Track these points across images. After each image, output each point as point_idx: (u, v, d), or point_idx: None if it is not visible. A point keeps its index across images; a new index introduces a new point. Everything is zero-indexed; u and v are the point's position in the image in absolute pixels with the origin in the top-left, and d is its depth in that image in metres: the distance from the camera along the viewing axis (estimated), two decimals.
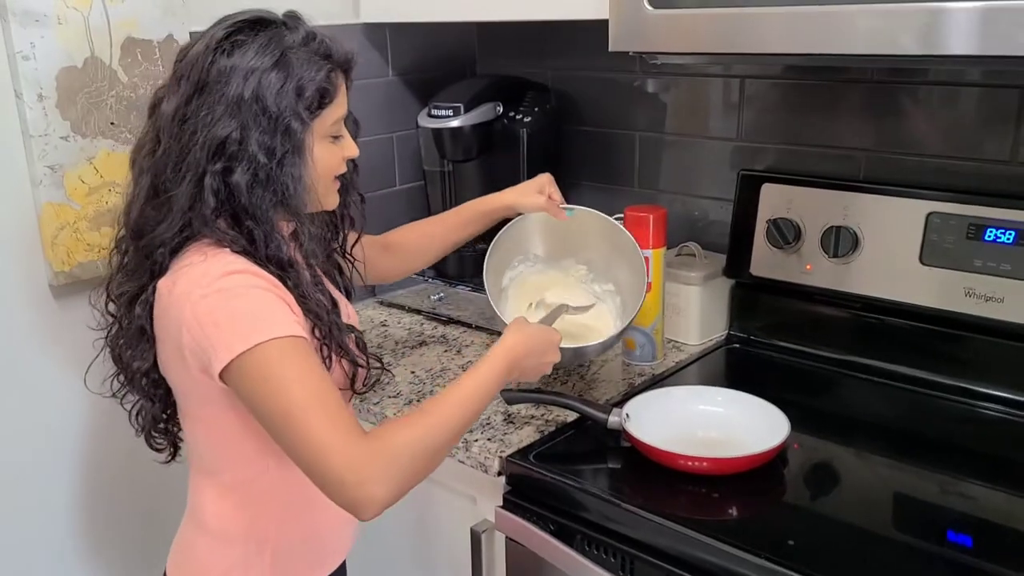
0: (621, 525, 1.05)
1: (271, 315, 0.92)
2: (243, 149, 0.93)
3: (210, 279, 0.92)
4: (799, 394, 1.37)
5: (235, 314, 0.91)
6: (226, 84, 0.93)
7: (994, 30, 0.92)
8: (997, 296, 1.23)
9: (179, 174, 0.94)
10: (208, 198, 0.93)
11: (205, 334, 0.91)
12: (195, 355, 0.93)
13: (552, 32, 1.76)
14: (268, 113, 0.93)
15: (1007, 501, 1.09)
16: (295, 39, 0.97)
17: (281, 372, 0.89)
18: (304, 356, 0.92)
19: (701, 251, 1.53)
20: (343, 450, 0.88)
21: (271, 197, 0.95)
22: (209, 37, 0.96)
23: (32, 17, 1.22)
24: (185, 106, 0.94)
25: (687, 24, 1.13)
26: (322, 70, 0.97)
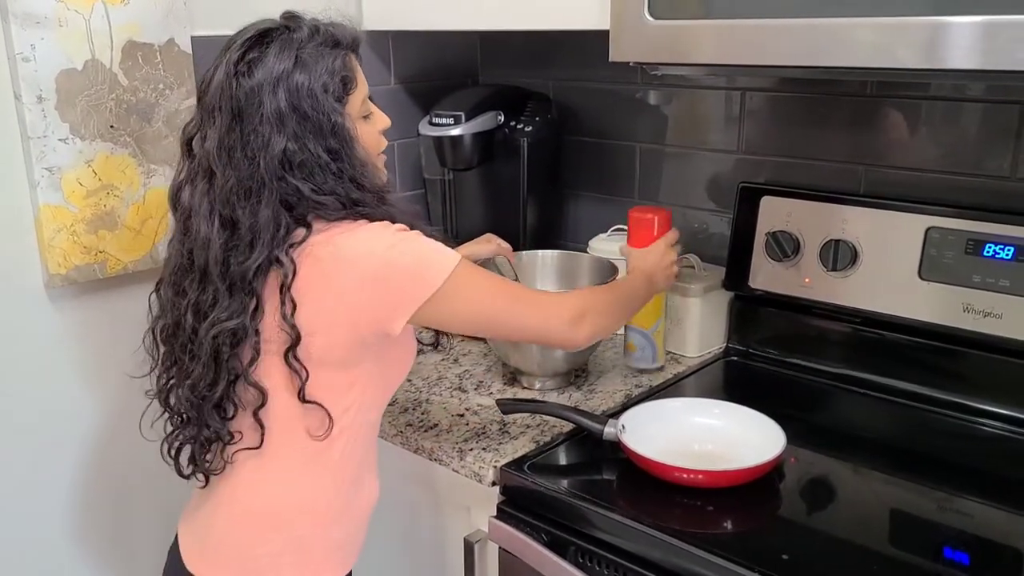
0: (615, 537, 1.04)
1: (443, 251, 1.00)
2: (304, 154, 0.96)
3: (379, 239, 0.97)
4: (796, 408, 1.36)
5: (417, 259, 0.98)
6: (260, 104, 0.95)
7: (994, 45, 0.91)
8: (996, 312, 1.23)
9: (252, 202, 0.96)
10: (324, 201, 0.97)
11: (391, 286, 0.96)
12: (375, 310, 0.97)
13: (554, 42, 1.76)
14: (309, 117, 0.96)
15: (1004, 518, 1.08)
16: (302, 37, 0.98)
17: (477, 284, 1.03)
18: (475, 268, 1.05)
19: (700, 263, 1.53)
20: (560, 316, 1.07)
21: (354, 186, 0.99)
22: (225, 63, 0.97)
23: (33, 19, 1.22)
24: (228, 136, 0.96)
25: (687, 35, 1.13)
26: (337, 59, 0.99)
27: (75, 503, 1.43)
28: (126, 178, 1.35)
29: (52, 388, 1.36)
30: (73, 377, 1.38)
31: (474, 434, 1.25)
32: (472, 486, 1.20)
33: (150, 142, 1.37)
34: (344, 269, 0.97)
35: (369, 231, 0.98)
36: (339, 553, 1.12)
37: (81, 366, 1.39)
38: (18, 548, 1.37)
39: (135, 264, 1.38)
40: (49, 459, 1.38)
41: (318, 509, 1.07)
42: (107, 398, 1.42)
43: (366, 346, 1.01)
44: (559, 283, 1.53)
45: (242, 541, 1.07)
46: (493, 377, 1.45)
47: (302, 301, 0.97)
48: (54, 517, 1.41)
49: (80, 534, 1.44)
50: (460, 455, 1.20)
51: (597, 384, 1.42)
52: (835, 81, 1.42)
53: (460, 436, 1.24)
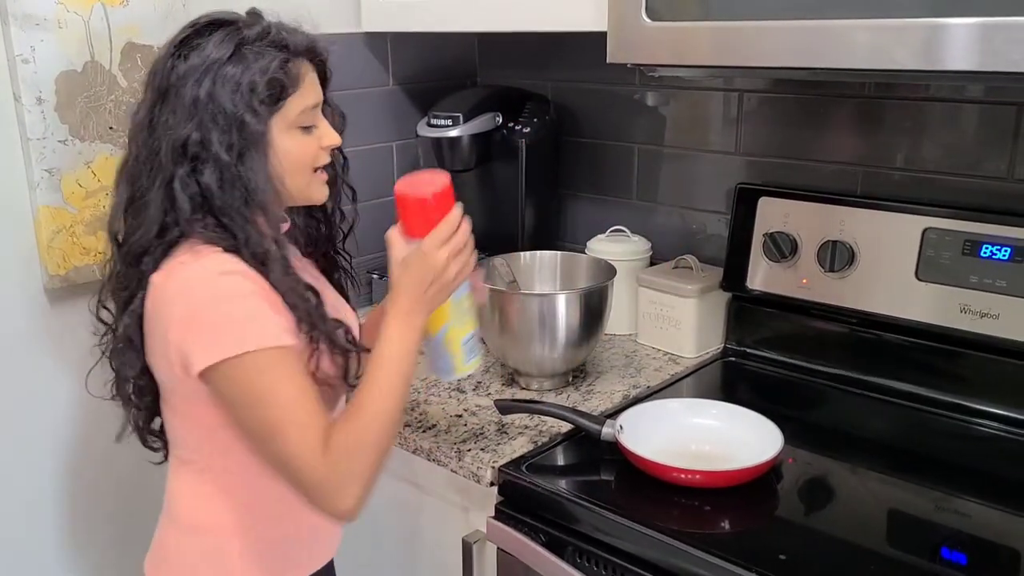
0: (613, 537, 1.04)
1: (261, 323, 0.93)
2: (206, 149, 0.93)
3: (205, 277, 0.93)
4: (794, 408, 1.36)
5: (227, 317, 0.92)
6: (183, 86, 0.94)
7: (991, 46, 0.92)
8: (992, 312, 1.23)
9: (150, 180, 0.95)
10: (183, 204, 0.94)
11: (193, 332, 0.92)
12: (180, 352, 0.93)
13: (552, 44, 1.76)
14: (224, 111, 0.93)
15: (1002, 519, 1.08)
16: (251, 34, 0.96)
17: (263, 381, 0.91)
18: (288, 367, 0.93)
19: (698, 264, 1.53)
20: (313, 471, 0.91)
21: (240, 194, 0.95)
22: (170, 44, 0.97)
23: (33, 21, 1.22)
24: (150, 112, 0.96)
25: (684, 36, 1.13)
26: (275, 60, 0.95)
27: (75, 503, 1.43)
28: None
29: (51, 389, 1.37)
30: (72, 378, 1.38)
31: (472, 435, 1.25)
32: (470, 486, 1.20)
33: None
34: (163, 304, 0.95)
35: (200, 272, 0.93)
36: (265, 563, 1.07)
37: (80, 367, 1.39)
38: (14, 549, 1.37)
39: None
40: (49, 459, 1.39)
41: (250, 526, 1.05)
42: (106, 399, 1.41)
43: (187, 383, 0.95)
44: (558, 284, 1.53)
45: (168, 547, 1.08)
46: (491, 378, 1.45)
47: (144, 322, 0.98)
48: (47, 517, 1.41)
49: (71, 535, 1.44)
50: (458, 456, 1.20)
51: (595, 384, 1.42)
52: (833, 82, 1.42)
53: (458, 437, 1.25)
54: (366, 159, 1.73)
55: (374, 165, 1.75)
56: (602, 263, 1.48)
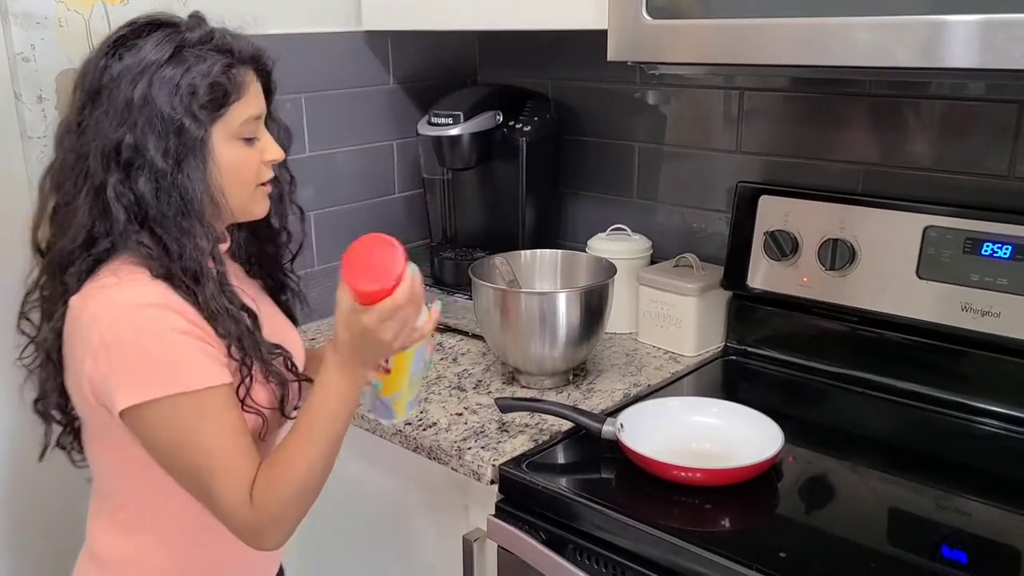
0: (613, 535, 1.04)
1: (186, 365, 0.88)
2: (140, 155, 0.88)
3: (125, 308, 0.87)
4: (795, 407, 1.36)
5: (151, 356, 0.87)
6: (117, 88, 0.88)
7: (992, 44, 0.92)
8: (994, 311, 1.23)
9: (78, 185, 0.90)
10: (117, 212, 0.88)
11: (112, 367, 0.87)
12: (95, 385, 0.89)
13: (553, 42, 1.76)
14: (161, 115, 0.88)
15: (1002, 517, 1.08)
16: (192, 37, 0.91)
17: (190, 427, 0.88)
18: (218, 408, 0.89)
19: (699, 262, 1.53)
20: (238, 515, 0.90)
21: (176, 204, 0.89)
22: (103, 43, 0.92)
23: (33, 19, 1.22)
24: (78, 115, 0.91)
25: (685, 34, 1.13)
26: (217, 64, 0.90)
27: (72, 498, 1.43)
28: None
29: None
30: None
31: (473, 433, 1.25)
32: (471, 485, 1.20)
33: None
34: (80, 332, 0.89)
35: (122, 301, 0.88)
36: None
37: None
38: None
39: None
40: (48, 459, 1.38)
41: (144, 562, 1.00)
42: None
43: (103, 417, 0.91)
44: (558, 282, 1.53)
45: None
46: (492, 376, 1.45)
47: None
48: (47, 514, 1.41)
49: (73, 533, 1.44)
50: (459, 454, 1.20)
51: (596, 383, 1.42)
52: (833, 80, 1.42)
53: (459, 435, 1.25)
54: (367, 158, 1.73)
55: (375, 164, 1.75)
56: (603, 262, 1.48)
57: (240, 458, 0.90)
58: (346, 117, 1.68)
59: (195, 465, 0.89)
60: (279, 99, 1.05)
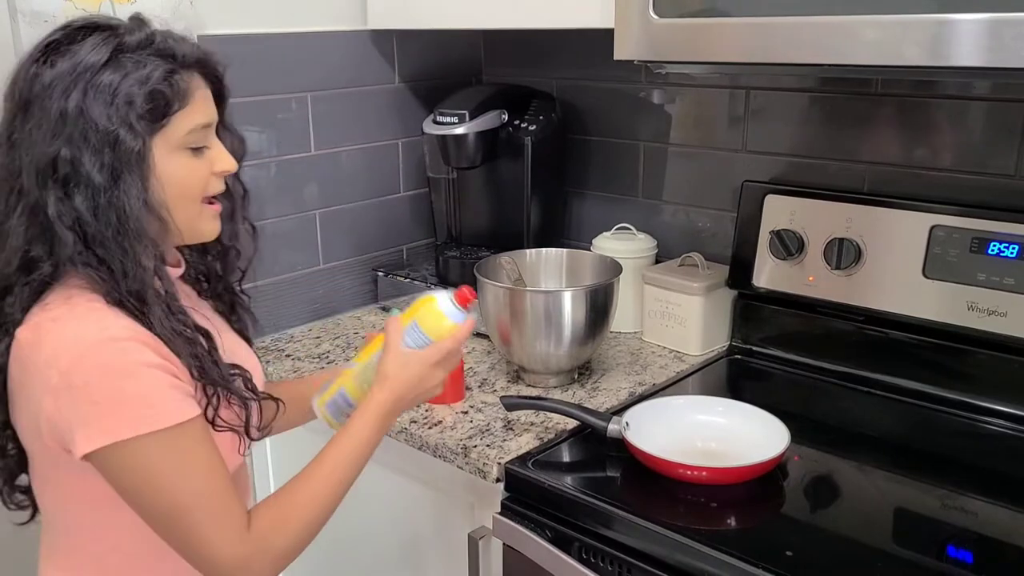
0: (619, 533, 1.04)
1: (158, 400, 0.82)
2: (75, 171, 0.81)
3: (87, 344, 0.80)
4: (800, 406, 1.36)
5: (117, 395, 0.81)
6: (50, 97, 0.81)
7: (999, 42, 0.92)
8: (1000, 310, 1.23)
9: (9, 205, 0.83)
10: (62, 232, 0.82)
11: (75, 408, 0.80)
12: (55, 427, 0.82)
13: (558, 41, 1.76)
14: (96, 126, 0.81)
15: (1009, 517, 1.08)
16: (132, 40, 0.84)
17: (166, 465, 0.83)
18: (193, 443, 0.84)
19: (704, 262, 1.53)
20: (231, 553, 0.85)
21: (115, 222, 0.82)
22: (34, 47, 0.85)
23: (41, 18, 1.22)
24: (8, 128, 0.83)
25: (691, 33, 1.13)
26: (157, 70, 0.83)
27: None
28: None
29: None
30: None
31: (478, 431, 1.25)
32: (476, 483, 1.21)
33: None
34: (34, 370, 0.82)
35: (81, 335, 0.81)
36: None
37: None
38: None
39: None
40: None
41: None
42: None
43: (61, 457, 0.84)
44: (563, 281, 1.53)
45: None
46: (497, 375, 1.45)
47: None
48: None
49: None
50: (464, 452, 1.20)
51: (601, 381, 1.42)
52: (840, 80, 1.42)
53: (464, 433, 1.25)
54: (372, 157, 1.74)
55: (380, 163, 1.76)
56: (608, 261, 1.48)
57: (223, 494, 0.86)
58: (351, 116, 1.68)
59: (173, 505, 0.84)
60: (285, 98, 1.03)
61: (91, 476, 0.85)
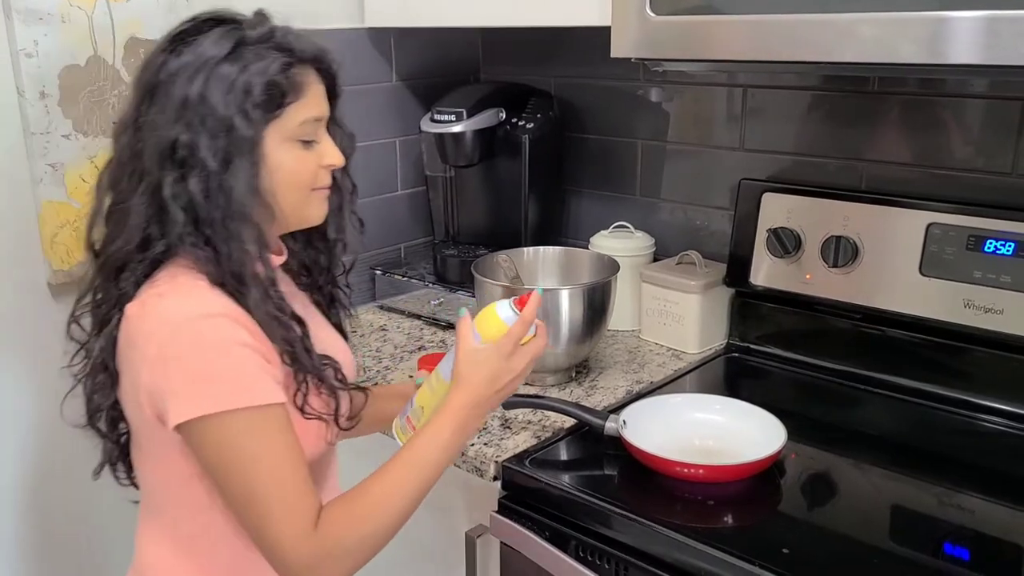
0: (616, 531, 1.04)
1: (248, 380, 0.85)
2: (193, 155, 0.85)
3: (186, 317, 0.84)
4: (797, 404, 1.36)
5: (210, 368, 0.84)
6: (174, 84, 0.86)
7: (997, 40, 0.92)
8: (997, 308, 1.23)
9: (132, 184, 0.88)
10: (174, 212, 0.86)
11: (169, 380, 0.84)
12: (152, 397, 0.85)
13: (556, 39, 1.76)
14: (215, 113, 0.85)
15: (1005, 514, 1.08)
16: (253, 34, 0.88)
17: (248, 446, 0.84)
18: (276, 429, 0.85)
19: (701, 260, 1.53)
20: (296, 549, 0.84)
21: (225, 205, 0.86)
22: (163, 37, 0.90)
23: (36, 15, 1.22)
24: (136, 111, 0.88)
25: (688, 31, 1.13)
26: (276, 63, 0.87)
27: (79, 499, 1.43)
28: None
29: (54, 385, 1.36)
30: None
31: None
32: (473, 481, 1.20)
33: None
34: (137, 341, 0.86)
35: (180, 310, 0.85)
36: None
37: None
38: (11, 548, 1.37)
39: None
40: (52, 454, 1.39)
41: None
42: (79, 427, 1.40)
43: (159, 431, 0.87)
44: (561, 279, 1.53)
45: None
46: None
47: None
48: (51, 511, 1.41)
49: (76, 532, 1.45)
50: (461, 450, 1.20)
51: (599, 380, 1.42)
52: (838, 77, 1.42)
53: None
54: (369, 155, 1.73)
55: (378, 161, 1.75)
56: (605, 259, 1.48)
57: (301, 494, 0.85)
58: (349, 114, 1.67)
59: (252, 490, 0.84)
60: None
61: (187, 452, 0.87)
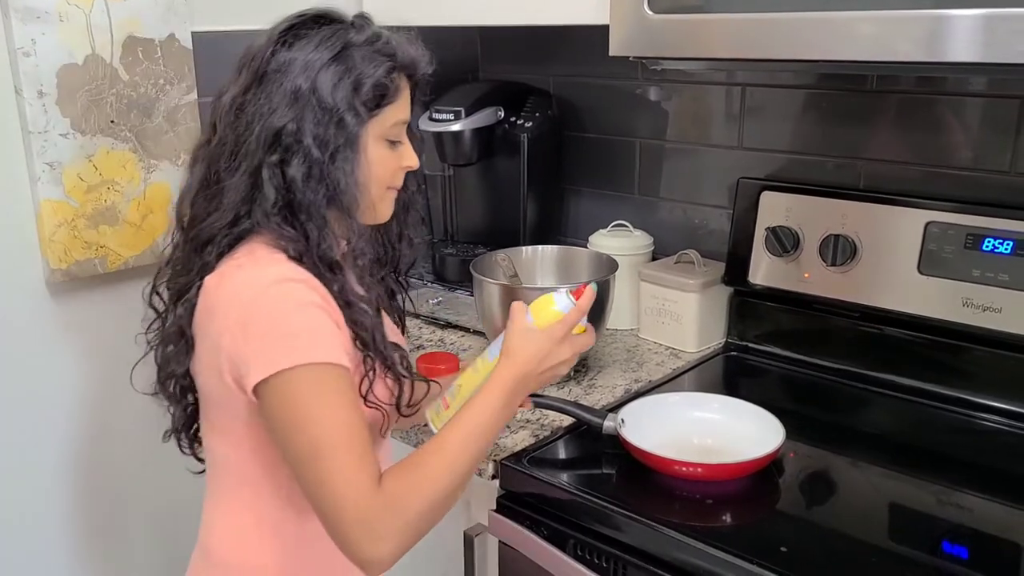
0: (614, 530, 1.04)
1: (321, 337, 0.88)
2: (298, 141, 0.91)
3: (265, 283, 0.89)
4: (796, 402, 1.36)
5: (284, 327, 0.88)
6: (284, 75, 0.92)
7: (994, 38, 0.92)
8: (995, 306, 1.23)
9: (233, 164, 0.93)
10: (268, 191, 0.91)
11: (248, 342, 0.87)
12: (232, 362, 0.89)
13: (554, 38, 1.76)
14: (324, 105, 0.91)
15: (1004, 513, 1.08)
16: (359, 37, 0.95)
17: (318, 400, 0.87)
18: (344, 388, 0.89)
19: (700, 259, 1.53)
20: (357, 503, 0.85)
21: (324, 192, 0.92)
22: (272, 30, 0.95)
23: (33, 14, 1.22)
24: (243, 95, 0.93)
25: (687, 29, 1.13)
26: (381, 67, 0.94)
27: (72, 498, 1.43)
28: (127, 173, 1.35)
29: (52, 383, 1.37)
30: (73, 372, 1.38)
31: None
32: (472, 480, 1.20)
33: (151, 137, 1.37)
34: (217, 309, 0.90)
35: (257, 278, 0.90)
36: None
37: (82, 360, 1.39)
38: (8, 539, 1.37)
39: (136, 259, 1.38)
40: (47, 453, 1.39)
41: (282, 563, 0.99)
42: (107, 393, 1.42)
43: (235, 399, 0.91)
44: (559, 278, 1.53)
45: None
46: None
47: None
48: (50, 510, 1.41)
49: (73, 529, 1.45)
50: None
51: (597, 378, 1.42)
52: (836, 76, 1.42)
53: None
54: None
55: None
56: (604, 258, 1.48)
57: (366, 449, 0.87)
58: None
59: (313, 445, 0.86)
60: None
61: (258, 422, 0.91)
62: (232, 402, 0.92)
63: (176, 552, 1.10)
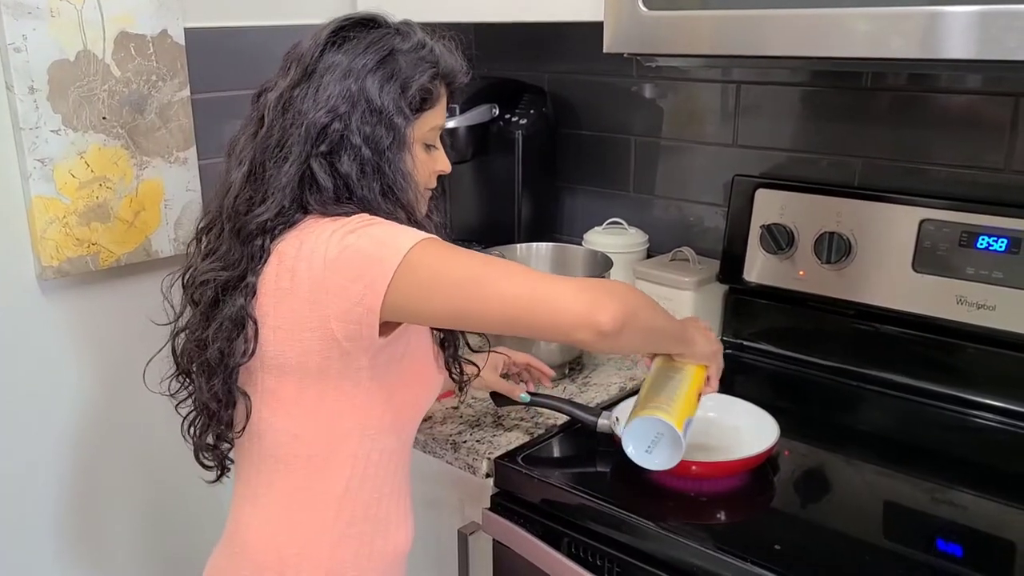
0: (608, 528, 1.04)
1: (411, 229, 0.92)
2: (345, 140, 0.93)
3: (351, 222, 0.92)
4: (790, 400, 1.36)
5: (377, 239, 0.90)
6: (333, 75, 0.94)
7: (988, 34, 0.91)
8: (989, 304, 1.23)
9: (281, 156, 0.94)
10: (325, 183, 0.93)
11: (364, 256, 0.89)
12: (343, 310, 0.89)
13: (549, 35, 1.75)
14: (372, 106, 0.94)
15: (998, 510, 1.08)
16: (405, 44, 0.98)
17: (451, 254, 0.91)
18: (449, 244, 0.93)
19: (695, 256, 1.53)
20: (557, 284, 0.89)
21: (379, 187, 0.95)
22: (319, 32, 0.98)
23: (25, 9, 1.21)
24: (290, 91, 0.95)
25: (681, 26, 1.12)
26: (427, 71, 0.98)
27: (69, 495, 1.42)
28: (119, 170, 1.35)
29: (44, 380, 1.36)
30: (65, 369, 1.38)
31: (468, 426, 1.25)
32: (466, 478, 1.20)
33: (143, 134, 1.36)
34: (304, 264, 0.91)
35: (333, 222, 0.93)
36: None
37: (73, 358, 1.38)
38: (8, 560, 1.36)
39: (128, 256, 1.38)
40: (41, 450, 1.38)
41: (315, 556, 0.99)
42: (99, 390, 1.41)
43: (346, 352, 0.92)
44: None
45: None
46: None
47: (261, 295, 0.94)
48: (43, 507, 1.40)
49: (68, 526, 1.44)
50: (454, 447, 1.20)
51: (591, 377, 1.42)
52: (831, 73, 1.42)
53: (454, 428, 1.24)
54: None
55: None
56: (599, 255, 1.47)
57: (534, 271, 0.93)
58: None
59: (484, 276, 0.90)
60: None
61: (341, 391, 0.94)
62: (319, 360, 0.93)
63: (164, 551, 1.10)
